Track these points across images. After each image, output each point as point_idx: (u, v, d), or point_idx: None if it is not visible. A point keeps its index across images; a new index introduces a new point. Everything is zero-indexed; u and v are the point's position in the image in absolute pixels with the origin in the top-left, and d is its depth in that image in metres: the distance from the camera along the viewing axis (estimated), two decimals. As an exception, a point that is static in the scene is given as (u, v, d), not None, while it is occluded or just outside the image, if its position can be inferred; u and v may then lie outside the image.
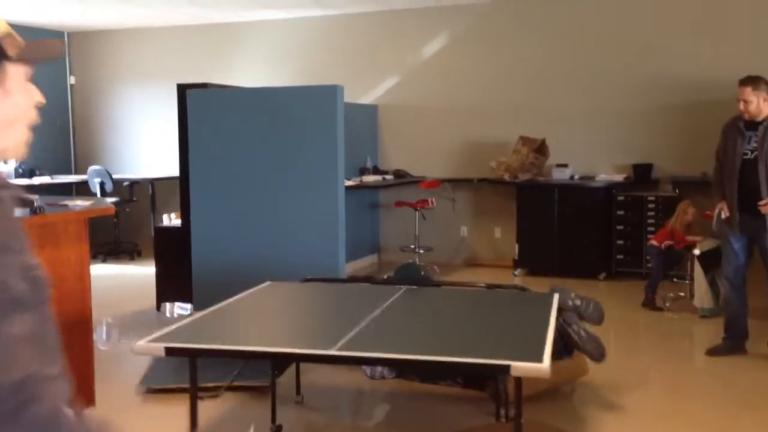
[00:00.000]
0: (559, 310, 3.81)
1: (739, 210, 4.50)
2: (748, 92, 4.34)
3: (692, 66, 7.16)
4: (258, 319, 3.16)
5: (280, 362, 3.56)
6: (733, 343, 4.71)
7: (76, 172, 9.67)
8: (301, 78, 8.55)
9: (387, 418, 3.81)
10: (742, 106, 4.38)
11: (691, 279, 5.87)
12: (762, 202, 4.27)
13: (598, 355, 3.66)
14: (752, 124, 4.43)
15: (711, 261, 5.69)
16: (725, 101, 4.63)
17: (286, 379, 3.90)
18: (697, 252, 5.67)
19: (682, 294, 6.08)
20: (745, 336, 4.72)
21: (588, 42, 7.60)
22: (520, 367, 2.21)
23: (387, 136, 8.53)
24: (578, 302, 3.93)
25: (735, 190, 4.49)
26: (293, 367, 3.94)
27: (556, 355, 3.73)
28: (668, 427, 3.58)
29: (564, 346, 3.70)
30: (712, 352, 4.73)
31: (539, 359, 2.26)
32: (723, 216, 4.62)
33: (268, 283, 3.78)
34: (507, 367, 2.21)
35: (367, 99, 8.50)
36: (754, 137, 4.41)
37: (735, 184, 4.48)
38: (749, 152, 4.42)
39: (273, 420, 3.57)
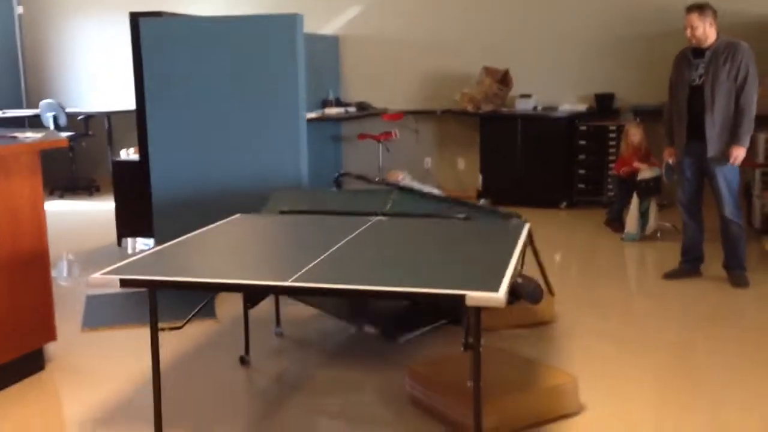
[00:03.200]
0: None
1: (687, 136, 4.61)
2: (695, 18, 4.47)
3: (656, -7, 7.11)
4: (220, 252, 3.13)
5: (250, 294, 3.54)
6: (690, 266, 4.86)
7: (28, 106, 9.36)
8: (260, 8, 8.31)
9: (357, 350, 3.85)
10: (689, 32, 4.51)
11: None
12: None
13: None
14: (700, 52, 4.53)
15: (648, 189, 5.78)
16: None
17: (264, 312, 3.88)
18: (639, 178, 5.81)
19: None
20: (700, 260, 4.87)
21: (552, -31, 7.48)
22: (475, 296, 2.22)
23: (349, 67, 8.39)
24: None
25: (685, 117, 4.61)
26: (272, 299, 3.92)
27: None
28: (626, 351, 3.69)
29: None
30: (669, 275, 4.87)
31: (495, 289, 2.28)
32: (671, 163, 4.82)
33: (237, 215, 3.73)
34: (462, 297, 2.22)
35: (328, 29, 8.31)
36: (701, 64, 4.52)
37: (685, 111, 4.61)
38: (697, 78, 4.54)
39: (246, 351, 3.61)
